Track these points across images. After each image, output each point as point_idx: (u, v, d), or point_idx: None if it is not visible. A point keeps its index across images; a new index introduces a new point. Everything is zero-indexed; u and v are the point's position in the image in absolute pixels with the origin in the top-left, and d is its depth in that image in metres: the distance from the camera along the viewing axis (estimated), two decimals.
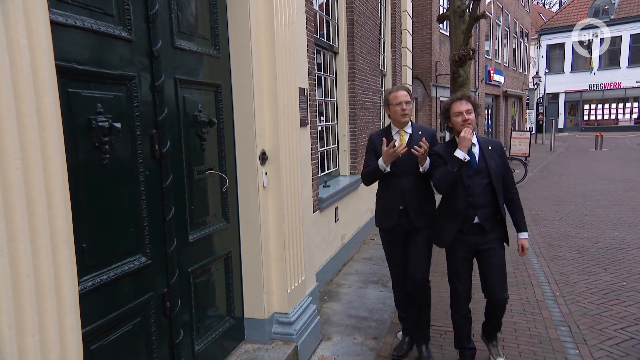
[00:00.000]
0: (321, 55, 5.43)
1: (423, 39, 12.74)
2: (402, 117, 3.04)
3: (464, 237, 2.89)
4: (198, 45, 2.61)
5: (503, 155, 2.92)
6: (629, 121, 32.25)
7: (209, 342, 2.70)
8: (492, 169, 2.82)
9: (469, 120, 2.78)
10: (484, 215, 2.84)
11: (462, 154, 2.73)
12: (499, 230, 2.92)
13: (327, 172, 5.64)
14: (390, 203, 3.10)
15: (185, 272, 2.50)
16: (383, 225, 3.22)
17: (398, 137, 3.10)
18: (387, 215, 3.14)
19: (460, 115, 2.80)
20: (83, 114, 1.81)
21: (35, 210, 1.32)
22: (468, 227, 2.86)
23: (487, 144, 2.91)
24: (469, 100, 2.84)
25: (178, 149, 2.43)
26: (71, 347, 1.44)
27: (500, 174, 2.86)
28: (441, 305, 4.13)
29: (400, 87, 3.13)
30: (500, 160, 2.88)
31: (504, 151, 2.95)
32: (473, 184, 2.81)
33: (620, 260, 5.38)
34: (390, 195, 3.10)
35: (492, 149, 2.88)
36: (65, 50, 1.72)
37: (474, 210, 2.83)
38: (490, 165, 2.82)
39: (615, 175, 12.38)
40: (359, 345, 3.43)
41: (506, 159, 2.96)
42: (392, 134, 3.11)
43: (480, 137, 2.97)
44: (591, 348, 3.37)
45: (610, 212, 7.98)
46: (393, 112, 3.07)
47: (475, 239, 2.89)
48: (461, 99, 2.85)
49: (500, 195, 2.86)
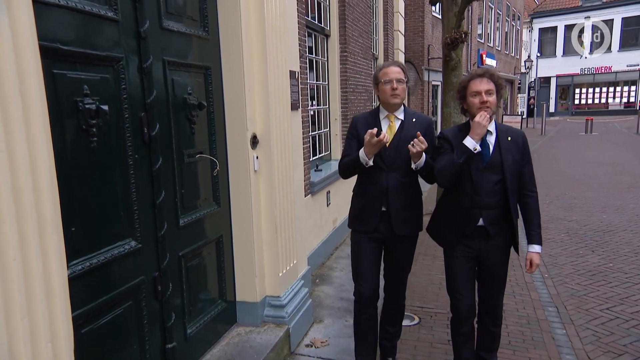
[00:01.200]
0: (313, 38, 5.37)
1: (415, 21, 12.65)
2: (391, 97, 2.50)
3: (466, 241, 2.48)
4: (187, 27, 2.56)
5: (525, 148, 2.44)
6: (619, 105, 32.46)
7: (201, 326, 2.72)
8: (507, 165, 2.37)
9: (487, 102, 2.32)
10: (490, 217, 2.42)
11: (473, 142, 2.28)
12: (505, 235, 2.49)
13: (318, 156, 5.62)
14: (369, 202, 2.59)
15: (176, 256, 2.49)
16: (357, 228, 2.68)
17: (386, 122, 2.59)
18: (363, 216, 2.63)
19: (478, 95, 2.33)
20: (69, 96, 1.78)
21: (20, 193, 1.30)
22: (471, 230, 2.45)
23: (506, 134, 2.43)
24: (491, 79, 2.37)
25: (167, 133, 2.40)
26: (61, 330, 1.44)
27: (516, 171, 2.40)
28: (431, 287, 4.18)
29: (393, 63, 2.62)
30: (520, 155, 2.41)
31: (526, 144, 2.46)
32: (481, 180, 2.38)
33: (608, 242, 5.47)
34: (370, 193, 2.58)
35: (512, 140, 2.41)
36: (49, 30, 1.67)
37: (479, 210, 2.41)
38: (506, 160, 2.37)
39: (604, 159, 12.51)
40: (351, 328, 3.46)
41: (528, 154, 2.46)
42: (380, 119, 2.60)
43: (501, 124, 2.53)
44: (577, 328, 3.44)
45: (599, 195, 8.08)
46: (382, 91, 2.54)
47: (479, 244, 2.47)
48: (482, 76, 2.36)
49: (514, 196, 2.42)
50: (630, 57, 30.84)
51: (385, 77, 2.51)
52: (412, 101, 12.91)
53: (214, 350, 2.80)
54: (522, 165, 2.43)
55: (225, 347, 2.84)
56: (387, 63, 2.63)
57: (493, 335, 2.68)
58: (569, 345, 3.19)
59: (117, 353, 2.07)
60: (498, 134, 2.42)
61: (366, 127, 2.47)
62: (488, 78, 2.36)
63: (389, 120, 2.60)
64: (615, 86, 32.46)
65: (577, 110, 33.50)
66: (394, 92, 2.50)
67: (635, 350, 3.12)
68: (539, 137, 20.17)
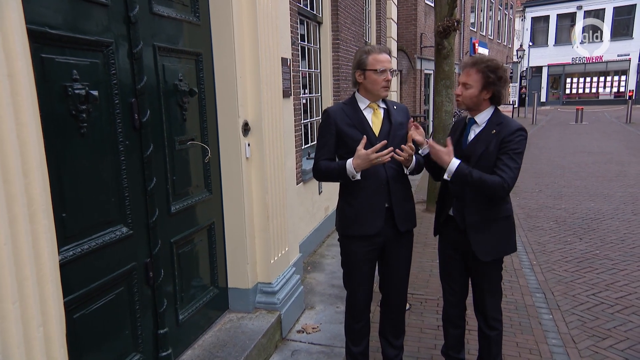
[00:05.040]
0: (305, 26, 5.33)
1: (408, 9, 12.59)
2: (383, 89, 2.25)
3: (444, 230, 2.42)
4: (177, 12, 2.53)
5: (505, 140, 2.15)
6: (609, 95, 32.72)
7: (193, 312, 2.73)
8: (473, 153, 2.20)
9: (460, 96, 2.24)
10: (458, 208, 2.29)
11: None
12: (490, 233, 2.25)
13: (311, 144, 5.62)
14: (371, 199, 2.27)
15: (168, 243, 2.50)
16: (356, 233, 2.31)
17: (370, 112, 2.31)
18: (365, 217, 2.27)
19: (459, 86, 2.24)
20: (58, 80, 1.76)
21: (10, 178, 1.30)
22: (443, 219, 2.39)
23: (495, 127, 2.21)
24: (473, 67, 2.18)
25: (158, 119, 2.39)
26: (52, 315, 1.45)
27: (485, 165, 2.17)
28: (422, 274, 4.23)
29: (383, 49, 2.28)
30: (496, 148, 2.16)
31: (513, 136, 2.15)
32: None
33: (595, 230, 5.56)
34: (370, 188, 2.26)
35: (497, 132, 2.18)
36: (36, 13, 1.65)
37: (450, 198, 2.32)
38: (476, 150, 2.20)
39: (593, 148, 12.64)
40: (342, 314, 3.50)
41: (511, 145, 2.14)
42: (361, 109, 2.30)
43: (498, 116, 2.25)
44: (564, 313, 3.51)
45: (588, 184, 8.18)
46: (371, 81, 2.23)
47: (454, 236, 2.35)
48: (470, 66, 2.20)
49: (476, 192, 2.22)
50: (621, 47, 31.02)
51: (379, 66, 2.22)
52: (405, 90, 12.91)
53: (206, 336, 2.83)
54: (495, 158, 2.16)
55: (217, 333, 2.87)
56: (377, 48, 2.28)
57: (489, 341, 2.45)
58: (555, 330, 3.26)
59: (109, 338, 2.08)
60: (486, 127, 2.23)
61: (345, 120, 2.26)
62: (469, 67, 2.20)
63: (372, 109, 2.33)
64: (606, 76, 32.69)
65: (568, 100, 33.73)
66: (388, 84, 2.25)
67: (619, 334, 3.20)
68: (530, 126, 20.27)
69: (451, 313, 2.55)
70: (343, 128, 2.26)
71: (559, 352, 2.98)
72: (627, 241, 5.10)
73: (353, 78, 2.33)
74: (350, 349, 2.57)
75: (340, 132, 2.27)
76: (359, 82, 2.30)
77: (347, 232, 2.36)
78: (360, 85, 2.31)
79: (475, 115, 2.29)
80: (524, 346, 3.05)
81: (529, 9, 33.86)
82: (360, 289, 2.43)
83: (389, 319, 2.57)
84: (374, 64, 2.23)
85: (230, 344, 2.75)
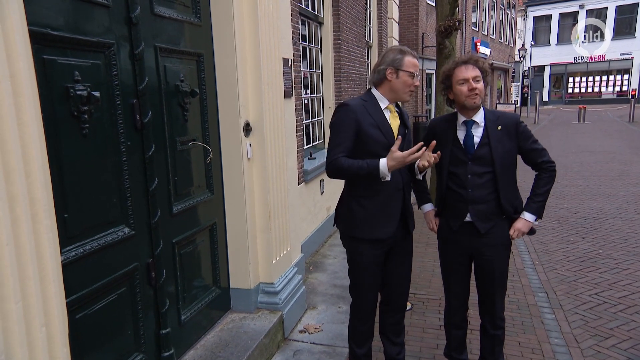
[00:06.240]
0: (306, 26, 5.34)
1: (410, 9, 12.58)
2: (408, 94, 2.23)
3: (455, 237, 2.37)
4: (178, 13, 2.54)
5: (519, 132, 2.26)
6: (612, 94, 32.63)
7: (195, 312, 2.74)
8: (496, 156, 2.21)
9: (476, 89, 2.18)
10: (479, 212, 2.27)
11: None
12: (501, 232, 2.31)
13: (312, 144, 5.62)
14: (386, 203, 2.25)
15: (170, 243, 2.50)
16: (367, 236, 2.28)
17: (388, 113, 2.28)
18: (378, 221, 2.25)
19: (466, 83, 2.18)
20: (60, 81, 1.77)
21: (12, 178, 1.30)
22: (458, 226, 2.34)
23: (496, 123, 2.25)
24: (476, 65, 2.21)
25: (160, 120, 2.40)
26: (55, 315, 1.45)
27: (509, 162, 2.25)
28: (424, 274, 4.23)
29: (414, 54, 2.26)
30: (513, 143, 2.24)
31: (520, 127, 2.27)
32: (466, 173, 2.25)
33: (598, 229, 5.54)
34: (387, 191, 2.24)
35: (503, 129, 2.24)
36: (38, 15, 1.66)
37: (465, 205, 2.28)
38: (496, 151, 2.21)
39: (596, 147, 12.61)
40: (344, 314, 3.50)
41: (526, 135, 2.28)
42: (381, 109, 2.26)
43: (491, 111, 2.33)
44: (566, 312, 3.50)
45: (590, 183, 8.16)
46: (402, 82, 2.19)
47: (469, 240, 2.34)
48: (467, 63, 2.22)
49: (506, 188, 2.26)
50: (624, 46, 30.92)
51: (413, 69, 2.20)
52: None
53: (208, 336, 2.83)
54: (518, 152, 2.28)
55: (219, 333, 2.87)
56: (409, 50, 2.25)
57: (493, 340, 2.49)
58: (557, 329, 3.25)
59: (111, 338, 2.09)
60: (487, 124, 2.25)
61: (368, 120, 2.19)
62: (473, 64, 2.21)
63: (389, 111, 2.29)
64: (609, 75, 32.60)
65: (571, 99, 33.65)
66: (415, 89, 2.24)
67: (621, 333, 3.19)
68: (532, 125, 20.22)
69: (454, 316, 2.55)
70: (365, 128, 2.18)
71: (561, 352, 2.97)
72: (629, 240, 5.09)
73: (380, 74, 2.23)
74: (354, 350, 2.54)
75: (361, 130, 2.18)
76: (389, 79, 2.22)
77: (355, 234, 2.31)
78: (385, 83, 2.23)
79: (473, 116, 2.27)
80: (526, 346, 3.05)
81: (531, 8, 33.79)
82: (370, 291, 2.42)
83: (390, 319, 2.57)
84: (409, 66, 2.19)
85: (233, 344, 2.75)
